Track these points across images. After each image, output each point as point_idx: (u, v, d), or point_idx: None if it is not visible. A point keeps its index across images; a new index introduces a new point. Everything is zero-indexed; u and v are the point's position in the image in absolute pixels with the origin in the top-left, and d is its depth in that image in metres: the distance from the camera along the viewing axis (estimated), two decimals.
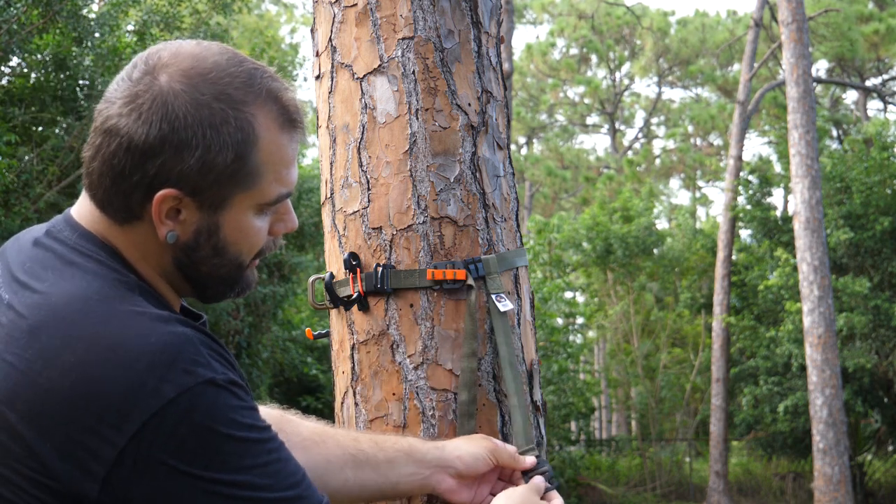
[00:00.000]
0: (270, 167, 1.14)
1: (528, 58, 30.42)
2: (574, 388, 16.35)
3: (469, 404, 1.54)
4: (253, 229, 1.17)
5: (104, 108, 1.12)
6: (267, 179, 1.14)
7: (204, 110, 1.08)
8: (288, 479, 1.07)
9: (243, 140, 1.11)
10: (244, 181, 1.13)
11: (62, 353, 1.00)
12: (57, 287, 1.06)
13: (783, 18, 12.69)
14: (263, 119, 1.13)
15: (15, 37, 7.95)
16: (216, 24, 9.68)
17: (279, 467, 1.07)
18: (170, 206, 1.11)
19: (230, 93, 1.11)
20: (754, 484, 18.29)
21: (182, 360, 1.01)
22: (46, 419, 0.99)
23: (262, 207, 1.17)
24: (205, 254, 1.15)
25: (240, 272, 1.21)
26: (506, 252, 1.66)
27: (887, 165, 14.31)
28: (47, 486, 0.99)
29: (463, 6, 1.68)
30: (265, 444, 1.06)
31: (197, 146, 1.08)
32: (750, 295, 16.38)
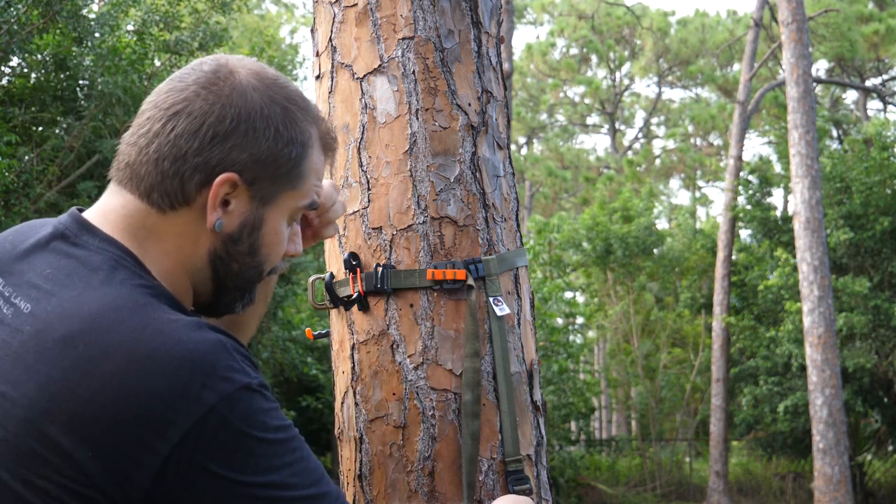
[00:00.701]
0: (312, 177, 1.21)
1: (528, 58, 30.42)
2: (574, 388, 16.35)
3: (473, 404, 1.55)
4: (283, 235, 1.22)
5: (170, 92, 1.14)
6: (307, 185, 1.21)
7: (277, 108, 1.15)
8: (311, 476, 1.09)
9: (304, 143, 1.18)
10: (294, 181, 1.19)
11: (101, 363, 1.00)
12: (86, 296, 1.06)
13: (783, 18, 12.69)
14: (314, 133, 1.21)
15: (15, 37, 7.95)
16: (215, 23, 9.68)
17: (303, 465, 1.09)
18: (226, 193, 1.13)
19: (297, 100, 1.19)
20: (754, 484, 18.30)
21: (220, 367, 1.03)
22: (88, 429, 0.99)
23: (294, 213, 1.22)
24: (242, 249, 1.18)
25: (257, 281, 1.24)
26: (506, 252, 1.66)
27: (887, 165, 14.31)
28: (89, 496, 0.99)
29: (463, 6, 1.68)
30: (291, 444, 1.08)
31: (267, 137, 1.14)
32: (750, 295, 16.38)
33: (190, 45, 9.25)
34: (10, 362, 1.04)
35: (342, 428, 1.68)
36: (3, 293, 1.10)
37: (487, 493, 1.56)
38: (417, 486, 1.56)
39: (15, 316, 1.07)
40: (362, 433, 1.62)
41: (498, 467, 1.57)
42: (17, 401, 1.01)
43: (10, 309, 1.08)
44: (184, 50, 9.26)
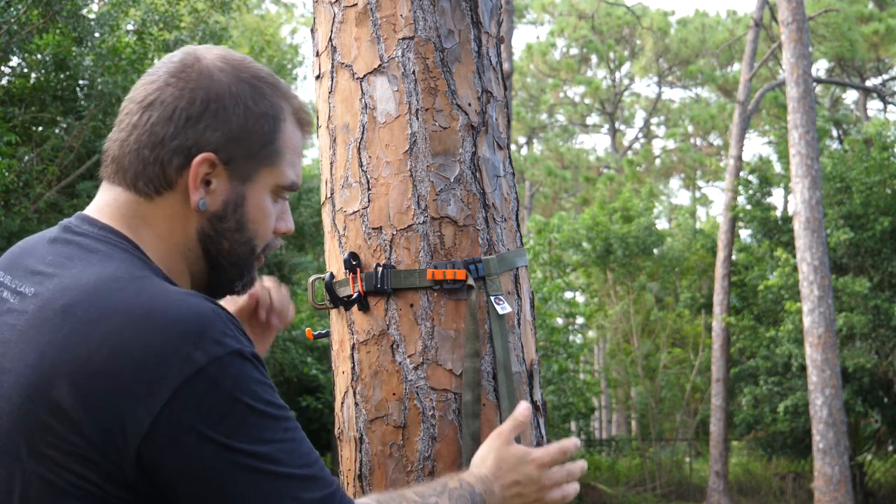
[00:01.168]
0: (288, 153, 1.26)
1: (528, 58, 30.42)
2: (574, 388, 16.35)
3: (474, 404, 1.55)
4: (268, 210, 1.26)
5: (144, 85, 1.21)
6: (286, 161, 1.26)
7: (245, 85, 1.20)
8: (303, 459, 1.10)
9: (275, 116, 1.23)
10: (270, 157, 1.23)
11: (99, 325, 1.04)
12: (86, 271, 1.11)
13: (783, 18, 12.69)
14: (286, 108, 1.25)
15: (15, 37, 7.94)
16: (215, 22, 9.67)
17: (295, 446, 1.10)
18: (205, 173, 1.18)
19: (264, 77, 1.23)
20: (754, 484, 18.30)
21: (212, 330, 1.06)
22: (86, 387, 1.02)
23: (277, 190, 1.26)
24: (229, 226, 1.22)
25: (251, 258, 1.28)
26: (506, 252, 1.66)
27: (887, 165, 14.31)
28: (87, 458, 1.02)
29: (463, 6, 1.68)
30: (283, 422, 1.10)
31: (237, 114, 1.19)
32: (750, 295, 16.38)
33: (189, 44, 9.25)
34: (16, 341, 1.08)
35: (342, 428, 1.68)
36: (9, 286, 1.15)
37: None
38: None
39: (20, 301, 1.11)
40: (362, 433, 1.62)
41: None
42: (22, 372, 1.05)
43: (16, 298, 1.12)
44: None
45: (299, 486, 1.09)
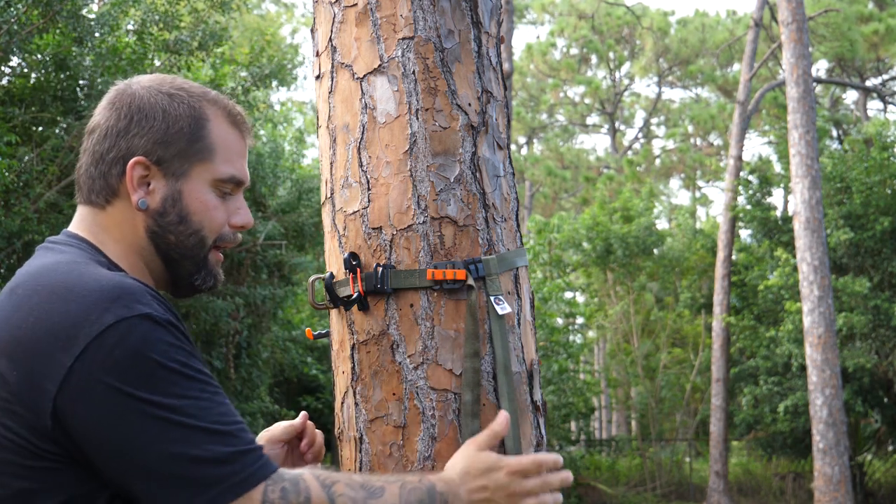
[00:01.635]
0: (222, 149, 1.39)
1: (528, 58, 30.41)
2: (574, 388, 16.35)
3: (473, 404, 1.55)
4: (211, 203, 1.38)
5: (90, 119, 1.41)
6: (219, 158, 1.39)
7: (163, 96, 1.37)
8: (217, 417, 1.19)
9: (195, 116, 1.37)
10: (200, 153, 1.37)
11: (31, 299, 1.21)
12: (36, 262, 1.31)
13: (783, 18, 12.69)
14: (212, 111, 1.40)
15: (15, 37, 7.94)
16: (215, 22, 9.67)
17: (209, 405, 1.19)
18: (140, 175, 1.35)
19: (186, 87, 1.40)
20: (754, 484, 18.29)
21: (125, 297, 1.20)
22: (15, 351, 1.18)
23: (216, 184, 1.39)
24: (171, 220, 1.36)
25: (202, 249, 1.40)
26: (506, 252, 1.66)
27: (887, 165, 14.30)
28: (15, 412, 1.17)
29: (463, 6, 1.68)
30: (197, 383, 1.20)
31: (157, 119, 1.35)
32: (750, 295, 16.38)
33: (189, 44, 9.25)
34: None
35: (342, 428, 1.68)
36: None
37: None
38: None
39: None
40: (362, 433, 1.62)
41: None
42: None
43: None
44: (183, 50, 9.25)
45: (206, 439, 1.16)
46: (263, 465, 1.21)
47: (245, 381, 11.93)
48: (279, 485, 1.21)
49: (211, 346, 11.27)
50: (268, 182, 11.26)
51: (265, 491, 1.19)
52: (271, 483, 1.21)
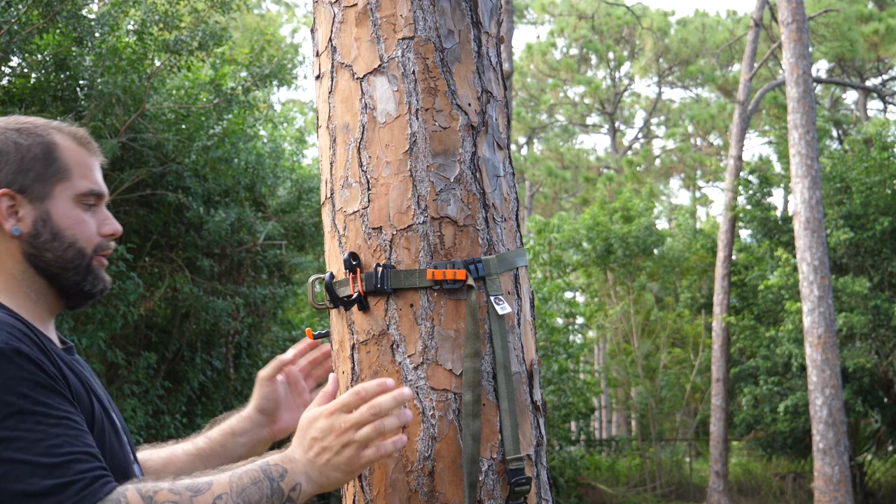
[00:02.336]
0: (76, 167, 1.51)
1: (528, 58, 30.41)
2: (574, 388, 16.34)
3: (474, 404, 1.55)
4: (78, 217, 1.50)
5: None
6: (76, 175, 1.51)
7: (12, 132, 1.50)
8: (47, 450, 1.24)
9: (44, 143, 1.50)
10: (57, 174, 1.49)
11: None
12: None
13: (783, 18, 12.69)
14: (58, 136, 1.53)
15: (15, 37, 7.94)
16: (215, 22, 9.66)
17: (40, 437, 1.25)
18: (8, 205, 1.46)
19: (31, 121, 1.54)
20: (754, 484, 18.29)
21: None
22: None
23: (79, 199, 1.50)
24: (45, 239, 1.47)
25: (83, 259, 1.50)
26: (506, 252, 1.66)
27: (887, 165, 14.30)
28: None
29: (463, 6, 1.68)
30: (30, 416, 1.26)
31: (11, 152, 1.48)
32: (750, 295, 16.37)
33: (190, 44, 9.24)
34: None
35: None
36: None
37: (488, 493, 1.56)
38: (417, 486, 1.56)
39: None
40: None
41: (498, 467, 1.57)
42: None
43: None
44: (184, 50, 9.24)
45: (31, 472, 1.22)
46: (89, 493, 1.25)
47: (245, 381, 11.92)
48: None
49: (211, 346, 11.27)
50: (268, 182, 11.26)
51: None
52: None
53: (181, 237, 10.41)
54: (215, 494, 1.32)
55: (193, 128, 9.60)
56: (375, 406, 1.40)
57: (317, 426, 1.41)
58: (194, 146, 9.50)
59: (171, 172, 9.74)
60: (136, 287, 8.90)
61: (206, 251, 10.49)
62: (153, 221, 10.02)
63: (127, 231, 10.08)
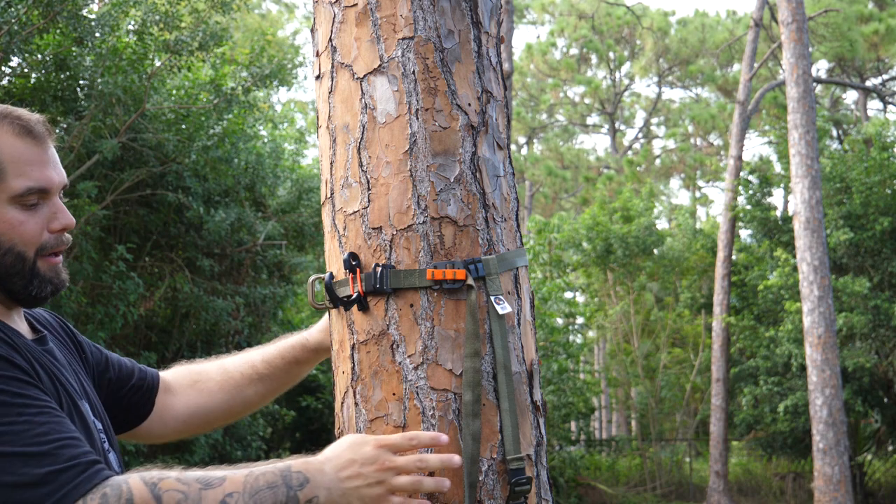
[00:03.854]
0: (12, 165, 1.40)
1: (528, 58, 30.40)
2: (574, 388, 16.33)
3: (474, 404, 1.55)
4: (15, 220, 1.40)
5: None
6: (11, 175, 1.40)
7: None
8: (33, 439, 1.22)
9: None
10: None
11: None
12: None
13: (783, 18, 12.68)
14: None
15: (15, 37, 7.94)
16: (215, 23, 9.66)
17: (25, 428, 1.23)
18: None
19: None
20: (754, 484, 18.29)
21: None
22: None
23: (15, 200, 1.41)
24: None
25: (24, 263, 1.42)
26: (506, 252, 1.66)
27: (887, 165, 14.30)
28: None
29: (463, 6, 1.68)
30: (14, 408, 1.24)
31: None
32: (750, 295, 16.37)
33: (190, 45, 9.23)
34: None
35: (342, 428, 1.68)
36: None
37: (488, 493, 1.56)
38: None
39: None
40: (362, 433, 1.62)
41: (498, 467, 1.57)
42: None
43: None
44: (184, 50, 9.24)
45: (21, 463, 1.20)
46: (85, 479, 1.24)
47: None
48: (100, 491, 1.24)
49: (211, 346, 11.27)
50: (268, 182, 11.26)
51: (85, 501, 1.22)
52: (92, 492, 1.23)
53: (181, 237, 10.41)
54: (226, 492, 1.30)
55: (193, 128, 9.60)
56: (424, 462, 1.41)
57: (362, 451, 1.39)
58: (194, 146, 9.50)
59: (171, 172, 9.74)
60: (136, 287, 8.90)
61: (206, 251, 10.49)
62: (153, 221, 10.02)
63: (127, 231, 10.08)
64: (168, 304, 10.73)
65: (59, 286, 1.47)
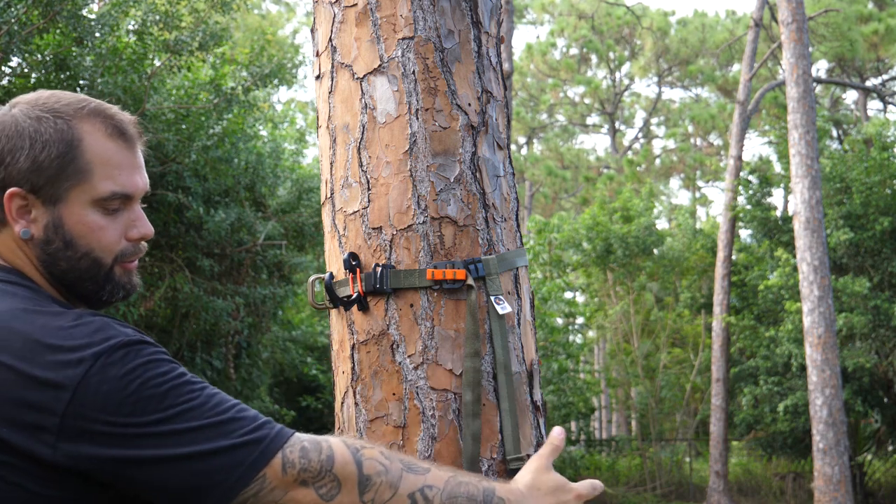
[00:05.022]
0: (100, 167, 1.33)
1: (528, 58, 30.41)
2: (574, 388, 16.34)
3: (474, 404, 1.55)
4: (95, 224, 1.34)
5: None
6: (98, 177, 1.33)
7: (30, 122, 1.32)
8: (215, 409, 1.22)
9: (63, 140, 1.31)
10: (74, 176, 1.32)
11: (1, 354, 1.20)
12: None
13: (783, 18, 12.68)
14: (88, 126, 1.34)
15: (15, 37, 7.94)
16: (215, 23, 9.66)
17: (202, 401, 1.21)
18: (19, 205, 1.32)
19: (57, 108, 1.33)
20: (754, 484, 18.29)
21: (96, 334, 1.21)
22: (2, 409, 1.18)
23: (98, 203, 1.34)
24: (57, 247, 1.33)
25: (99, 269, 1.36)
26: (506, 252, 1.66)
27: (887, 165, 14.30)
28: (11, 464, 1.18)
29: (463, 6, 1.68)
30: (183, 387, 1.21)
31: (24, 148, 1.30)
32: (750, 295, 16.37)
33: (190, 44, 9.24)
34: None
35: (342, 428, 1.68)
36: None
37: None
38: None
39: None
40: (362, 433, 1.62)
41: (498, 467, 1.57)
42: None
43: None
44: (184, 50, 9.25)
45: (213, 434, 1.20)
46: (278, 433, 1.24)
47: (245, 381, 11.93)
48: (298, 445, 1.24)
49: (211, 346, 11.27)
50: (268, 182, 11.26)
51: (283, 455, 1.22)
52: (289, 446, 1.23)
53: (181, 237, 10.41)
54: (427, 483, 1.28)
55: (193, 128, 9.60)
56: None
57: (563, 499, 1.41)
58: (194, 146, 9.50)
59: (171, 172, 9.74)
60: None
61: (206, 251, 10.49)
62: (153, 221, 9.99)
63: None
64: (168, 304, 10.73)
65: (130, 291, 1.42)
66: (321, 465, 1.23)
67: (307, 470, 1.23)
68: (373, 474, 1.25)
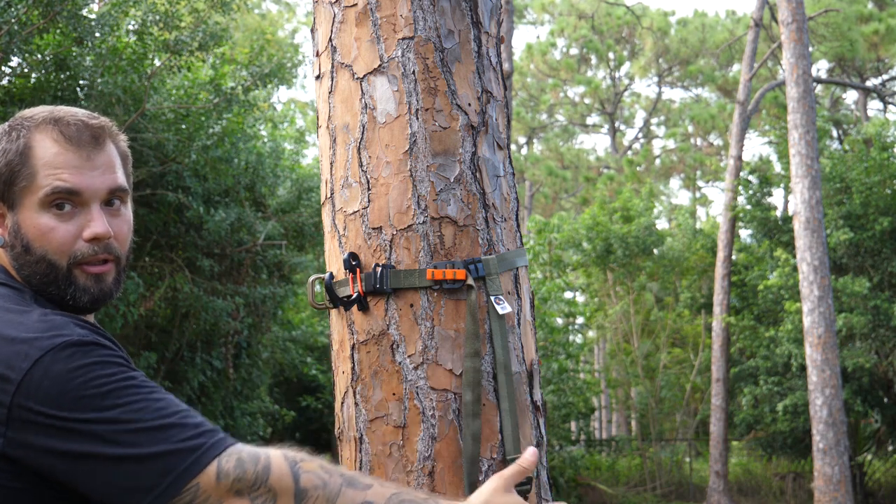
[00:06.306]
0: (43, 168, 1.38)
1: (528, 58, 30.41)
2: (574, 388, 16.34)
3: (474, 404, 1.55)
4: (46, 226, 1.37)
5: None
6: (40, 177, 1.37)
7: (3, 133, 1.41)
8: (156, 413, 1.24)
9: (20, 148, 1.38)
10: (24, 180, 1.37)
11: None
12: None
13: (783, 18, 12.68)
14: (39, 135, 1.40)
15: (15, 37, 7.94)
16: (215, 23, 9.66)
17: (145, 405, 1.23)
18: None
19: (23, 121, 1.42)
20: (754, 484, 18.29)
21: (48, 332, 1.26)
22: None
23: (45, 204, 1.37)
24: (18, 251, 1.38)
25: (56, 272, 1.38)
26: (506, 252, 1.66)
27: (887, 165, 14.29)
28: None
29: (463, 6, 1.68)
30: (127, 389, 1.24)
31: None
32: (750, 295, 16.37)
33: (190, 44, 9.24)
34: None
35: (342, 428, 1.68)
36: None
37: None
38: (417, 486, 1.56)
39: None
40: (362, 433, 1.62)
41: (498, 467, 1.57)
42: None
43: None
44: (184, 50, 9.25)
45: (151, 437, 1.22)
46: (216, 442, 1.24)
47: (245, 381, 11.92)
48: (234, 455, 1.24)
49: (211, 346, 11.27)
50: (268, 182, 11.26)
51: (218, 464, 1.23)
52: (225, 456, 1.24)
53: (181, 237, 10.41)
54: (367, 499, 1.27)
55: (193, 127, 9.60)
56: None
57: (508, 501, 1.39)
58: (194, 146, 9.50)
59: (171, 172, 9.74)
60: (136, 287, 8.90)
61: (206, 251, 10.49)
62: (153, 221, 10.02)
63: None
64: (168, 304, 10.73)
65: (98, 297, 1.40)
66: (256, 476, 1.24)
67: (241, 480, 1.23)
68: (310, 488, 1.25)
